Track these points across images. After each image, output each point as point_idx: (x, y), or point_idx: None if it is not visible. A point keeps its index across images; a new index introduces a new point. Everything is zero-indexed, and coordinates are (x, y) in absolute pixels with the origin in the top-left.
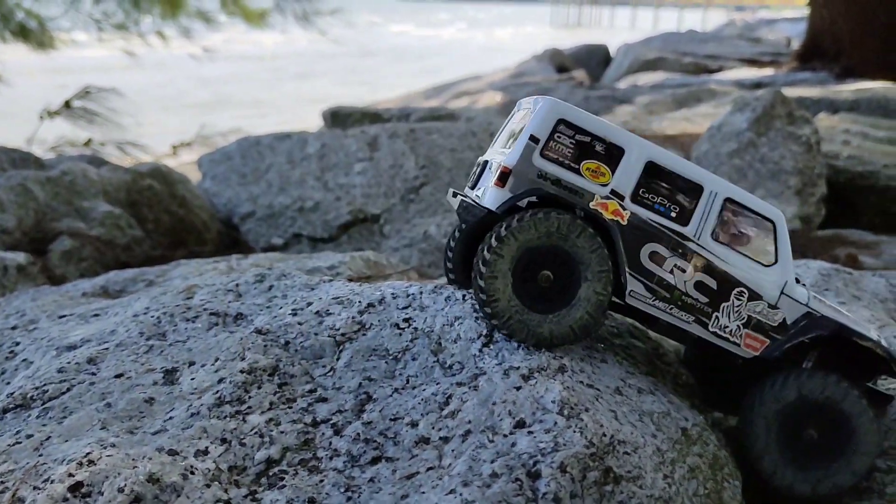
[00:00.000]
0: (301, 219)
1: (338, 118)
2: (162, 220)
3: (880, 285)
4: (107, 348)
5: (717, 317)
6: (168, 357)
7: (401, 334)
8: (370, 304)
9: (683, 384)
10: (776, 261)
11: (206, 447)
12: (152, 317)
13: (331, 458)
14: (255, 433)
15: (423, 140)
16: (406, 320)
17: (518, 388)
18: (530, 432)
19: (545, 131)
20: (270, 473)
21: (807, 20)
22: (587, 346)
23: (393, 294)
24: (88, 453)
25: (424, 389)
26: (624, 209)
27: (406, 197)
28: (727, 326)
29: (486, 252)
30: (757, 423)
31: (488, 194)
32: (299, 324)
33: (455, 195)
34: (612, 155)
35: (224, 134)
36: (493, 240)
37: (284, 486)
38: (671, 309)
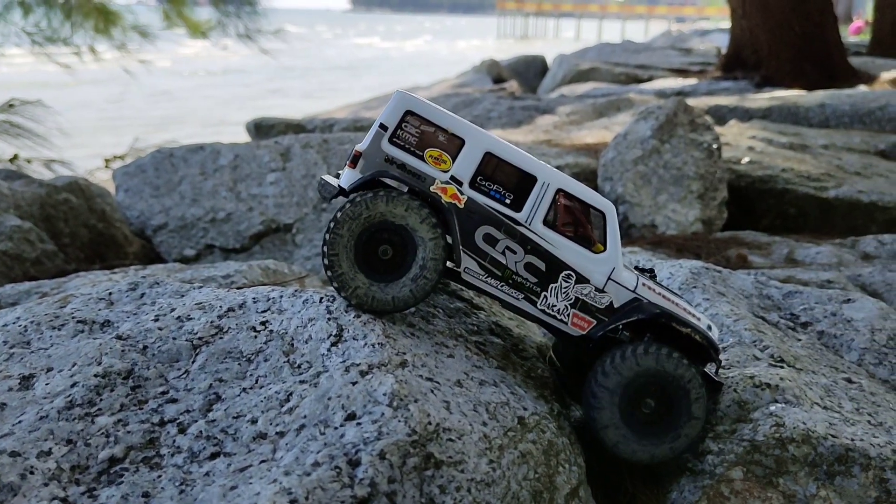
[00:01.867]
0: (213, 230)
1: (261, 129)
2: (79, 234)
3: (747, 282)
4: None
5: (545, 296)
6: (27, 364)
7: (256, 337)
8: (230, 309)
9: (536, 377)
10: (605, 249)
11: (50, 448)
12: (20, 326)
13: (172, 455)
14: (102, 434)
15: (335, 150)
16: (263, 323)
17: (354, 384)
18: (359, 423)
19: (394, 120)
20: (112, 471)
21: (729, 31)
22: (437, 343)
23: (254, 298)
24: None
25: (270, 388)
26: (462, 194)
27: (318, 206)
28: (555, 305)
29: (326, 234)
30: (600, 395)
31: (344, 175)
32: (159, 329)
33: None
34: (454, 144)
35: (159, 146)
36: (331, 222)
37: (122, 482)
38: (502, 286)
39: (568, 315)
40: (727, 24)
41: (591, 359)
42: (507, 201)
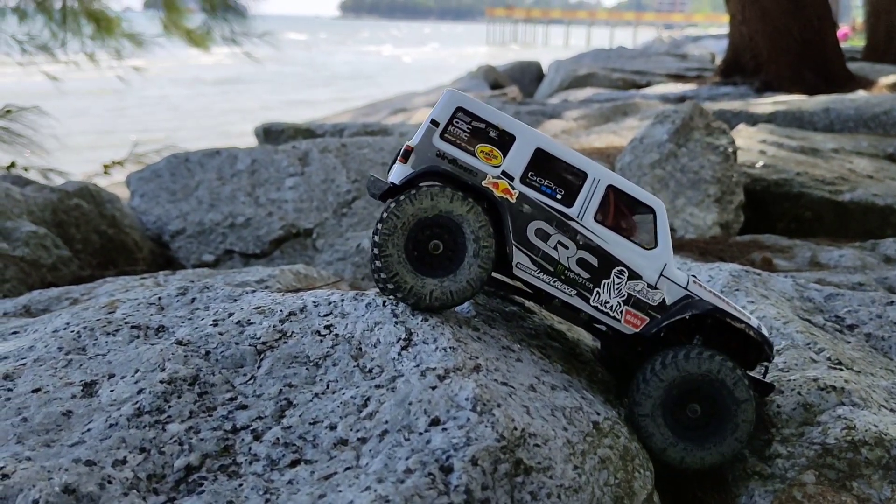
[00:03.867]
0: (232, 235)
1: (270, 134)
2: (91, 240)
3: (787, 285)
4: (24, 364)
5: (598, 292)
6: (87, 370)
7: (322, 341)
8: (291, 313)
9: (598, 381)
10: (656, 245)
11: (125, 457)
12: (72, 332)
13: (250, 463)
14: (175, 441)
15: (354, 154)
16: (327, 327)
17: (434, 388)
18: (444, 429)
19: (445, 117)
20: (189, 480)
21: (728, 37)
22: (504, 347)
23: (315, 302)
24: (3, 467)
25: (344, 393)
26: (513, 189)
27: (339, 211)
28: (608, 302)
29: (374, 236)
30: (644, 401)
31: (394, 170)
32: (220, 334)
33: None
34: (505, 141)
35: (158, 151)
36: (378, 223)
37: (203, 491)
38: (554, 282)
39: (621, 312)
40: (716, 31)
41: (635, 361)
42: (559, 197)
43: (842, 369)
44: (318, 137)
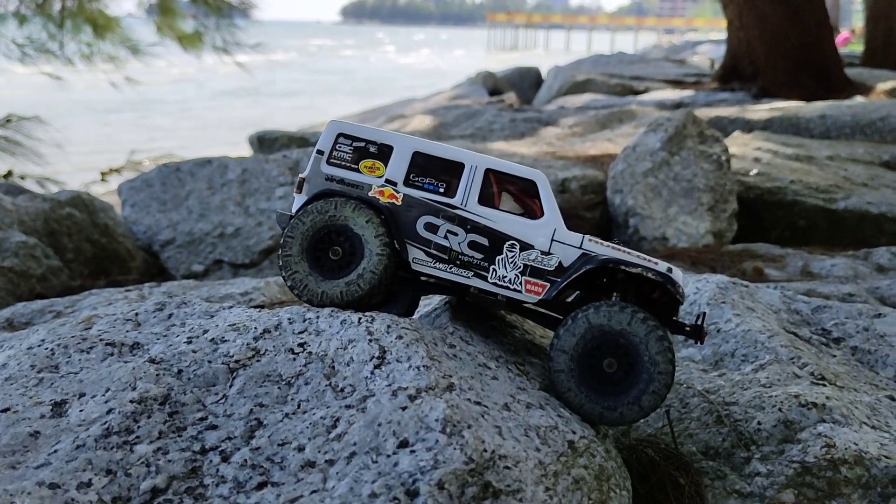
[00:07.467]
0: (222, 245)
1: (265, 142)
2: (83, 250)
3: (774, 297)
4: None
5: (494, 269)
6: (58, 389)
7: (295, 359)
8: (266, 330)
9: None
10: (542, 214)
11: (90, 479)
12: (46, 349)
13: (217, 485)
14: (142, 463)
15: None
16: (301, 345)
17: (404, 409)
18: (413, 451)
19: (328, 144)
20: (155, 503)
21: (726, 42)
22: (480, 364)
23: (290, 319)
24: None
25: (314, 413)
26: (398, 192)
27: None
28: (505, 276)
29: (281, 243)
30: (558, 356)
31: (294, 202)
32: (193, 352)
33: None
34: (384, 152)
35: (156, 159)
36: (280, 249)
37: None
38: (451, 268)
39: (520, 283)
40: (717, 36)
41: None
42: (441, 190)
43: (824, 385)
44: (311, 146)
